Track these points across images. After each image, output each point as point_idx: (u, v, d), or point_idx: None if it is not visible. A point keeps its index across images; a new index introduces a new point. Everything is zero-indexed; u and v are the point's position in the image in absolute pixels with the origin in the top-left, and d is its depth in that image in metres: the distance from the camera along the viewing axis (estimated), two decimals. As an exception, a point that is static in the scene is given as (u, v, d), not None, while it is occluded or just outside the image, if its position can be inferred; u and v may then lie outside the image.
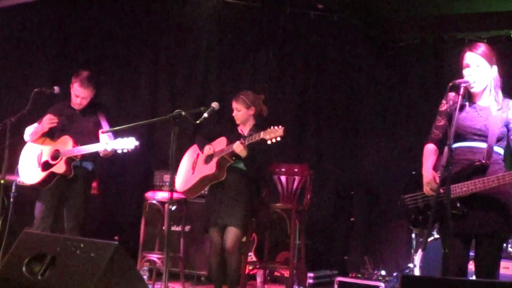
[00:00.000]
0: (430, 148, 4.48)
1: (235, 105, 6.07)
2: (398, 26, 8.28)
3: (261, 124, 6.03)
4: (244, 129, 6.09)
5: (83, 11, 8.76)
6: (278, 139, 5.48)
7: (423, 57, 8.26)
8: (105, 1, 8.80)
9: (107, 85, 8.63)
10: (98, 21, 8.78)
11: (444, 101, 4.43)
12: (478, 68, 4.20)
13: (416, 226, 4.61)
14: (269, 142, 5.50)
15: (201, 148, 6.07)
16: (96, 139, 5.95)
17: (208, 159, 5.96)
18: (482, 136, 4.19)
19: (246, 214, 5.88)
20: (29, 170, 6.19)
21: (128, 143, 5.73)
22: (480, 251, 4.15)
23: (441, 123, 4.44)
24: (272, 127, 5.51)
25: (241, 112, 6.05)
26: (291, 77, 8.65)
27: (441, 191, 4.05)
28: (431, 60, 8.17)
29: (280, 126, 5.48)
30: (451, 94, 4.37)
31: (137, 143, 5.76)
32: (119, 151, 5.78)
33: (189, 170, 6.17)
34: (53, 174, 5.99)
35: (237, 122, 6.10)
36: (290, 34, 8.67)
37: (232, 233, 5.77)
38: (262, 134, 5.54)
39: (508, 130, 4.23)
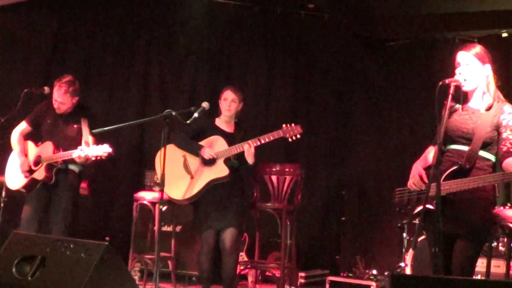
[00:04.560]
0: (429, 150, 4.47)
1: (232, 95, 5.90)
2: (389, 26, 8.28)
3: (240, 123, 5.98)
4: (226, 127, 5.94)
5: (73, 11, 8.73)
6: (298, 136, 5.69)
7: (414, 57, 8.27)
8: (95, 1, 8.77)
9: (98, 85, 8.61)
10: (89, 22, 8.75)
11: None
12: (467, 67, 4.19)
13: (401, 218, 4.66)
14: (290, 140, 5.70)
15: (191, 151, 5.86)
16: (78, 145, 5.86)
17: (209, 161, 5.78)
18: (468, 139, 4.15)
19: (241, 212, 5.81)
20: (13, 175, 6.18)
21: (101, 150, 5.66)
22: (456, 252, 4.13)
23: None
24: (286, 125, 5.70)
25: (235, 104, 5.90)
26: (282, 76, 8.65)
27: (423, 188, 4.07)
28: (422, 59, 8.18)
29: (294, 124, 5.70)
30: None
31: (109, 150, 5.67)
32: (93, 158, 5.71)
33: (184, 175, 5.87)
34: (34, 180, 5.97)
35: (228, 113, 5.91)
36: (281, 34, 8.67)
37: (229, 233, 5.72)
38: (281, 133, 5.68)
39: (499, 134, 4.13)
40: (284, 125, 5.67)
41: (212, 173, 5.76)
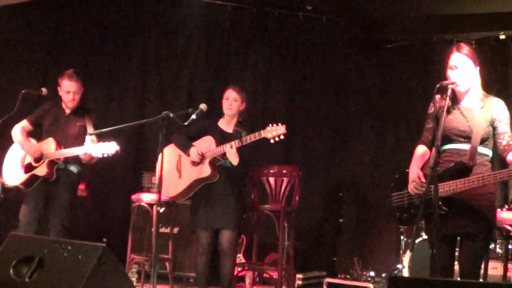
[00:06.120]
0: (420, 149, 4.52)
1: (233, 94, 5.85)
2: (386, 28, 8.28)
3: (242, 123, 5.94)
4: (226, 127, 5.90)
5: (71, 12, 8.74)
6: (282, 137, 5.37)
7: (412, 58, 8.27)
8: (93, 3, 8.77)
9: (95, 87, 8.59)
10: (86, 23, 8.76)
11: (431, 104, 4.48)
12: (466, 70, 4.24)
13: (402, 223, 4.66)
14: (272, 141, 5.38)
15: (185, 150, 5.85)
16: (81, 143, 5.87)
17: (198, 161, 5.78)
18: (466, 137, 4.20)
19: (238, 214, 5.78)
20: (12, 171, 6.15)
21: (109, 148, 5.62)
22: (462, 252, 4.17)
23: (429, 126, 4.48)
24: (271, 125, 5.38)
25: (237, 103, 5.84)
26: (279, 78, 8.65)
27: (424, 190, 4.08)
28: (420, 61, 8.18)
29: (280, 124, 5.37)
30: (437, 97, 4.40)
31: (117, 147, 5.63)
32: (100, 156, 5.67)
33: (174, 173, 5.93)
34: (35, 177, 5.94)
35: (229, 112, 5.86)
36: (279, 36, 8.67)
37: (227, 236, 5.69)
38: (263, 133, 5.40)
39: (494, 129, 4.23)
40: (270, 125, 5.42)
41: (196, 173, 5.75)
